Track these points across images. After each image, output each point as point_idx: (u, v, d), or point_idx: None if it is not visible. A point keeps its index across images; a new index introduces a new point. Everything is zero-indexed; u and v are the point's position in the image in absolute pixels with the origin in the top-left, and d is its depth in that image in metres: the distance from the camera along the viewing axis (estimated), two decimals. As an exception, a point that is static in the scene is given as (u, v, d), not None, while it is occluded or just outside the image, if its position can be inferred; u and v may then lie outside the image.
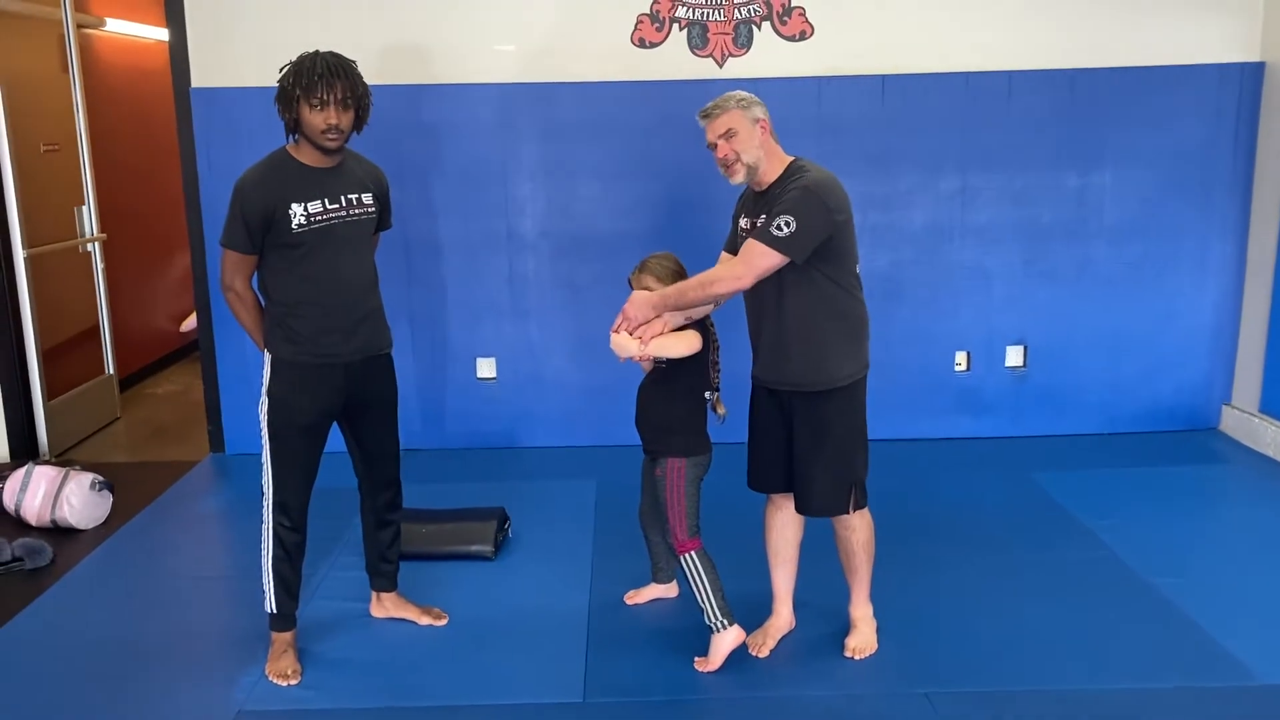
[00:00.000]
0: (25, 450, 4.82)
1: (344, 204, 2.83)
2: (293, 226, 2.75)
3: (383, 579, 3.23)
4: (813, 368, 2.83)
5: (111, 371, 5.57)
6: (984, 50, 4.54)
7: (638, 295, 2.85)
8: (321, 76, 2.69)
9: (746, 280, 2.73)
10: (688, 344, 2.84)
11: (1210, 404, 4.87)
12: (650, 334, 2.82)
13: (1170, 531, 3.80)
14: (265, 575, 2.95)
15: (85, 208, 5.32)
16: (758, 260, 2.71)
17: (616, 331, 2.86)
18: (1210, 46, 4.56)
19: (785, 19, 4.50)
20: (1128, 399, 4.84)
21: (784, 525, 3.05)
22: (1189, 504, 4.10)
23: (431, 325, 4.75)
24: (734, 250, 2.95)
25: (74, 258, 5.28)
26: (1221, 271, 4.73)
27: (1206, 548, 3.69)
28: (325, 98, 2.70)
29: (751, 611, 3.09)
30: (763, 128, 2.77)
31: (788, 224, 2.68)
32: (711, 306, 2.95)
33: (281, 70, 2.75)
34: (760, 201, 2.82)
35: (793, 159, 2.83)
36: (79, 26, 5.31)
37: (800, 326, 2.80)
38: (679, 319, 2.88)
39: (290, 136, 2.81)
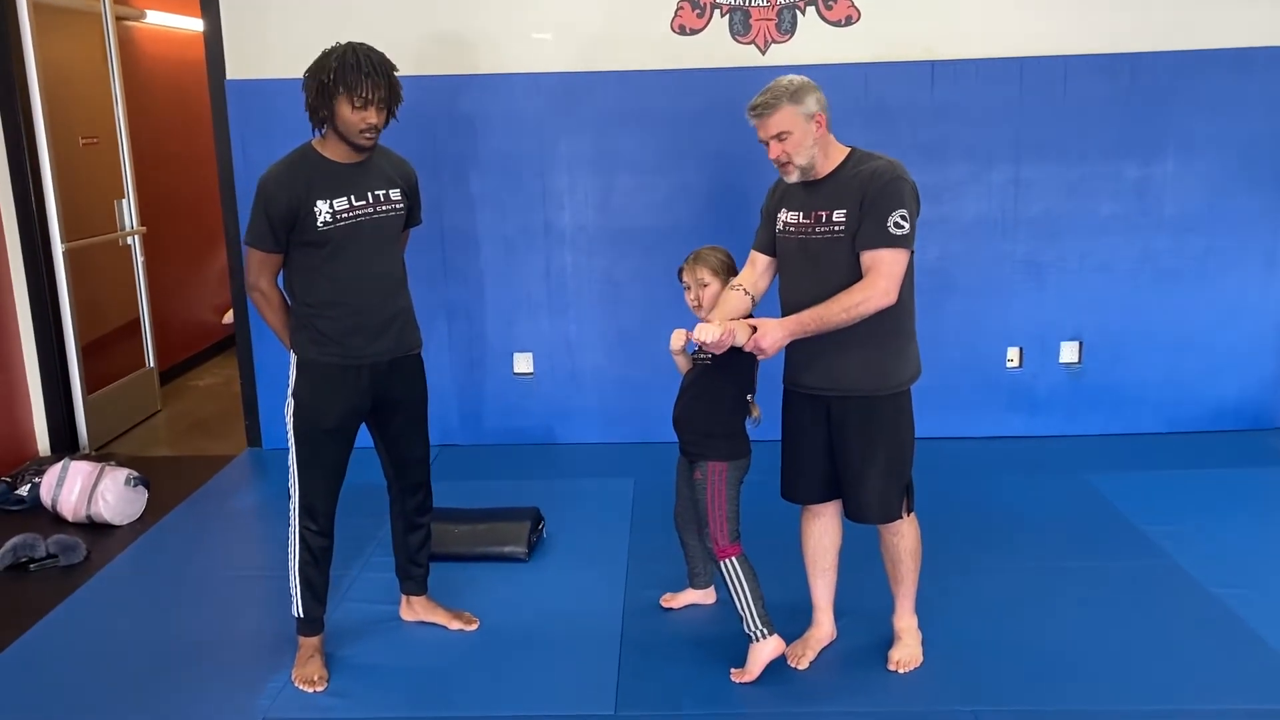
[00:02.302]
0: (65, 444, 4.84)
1: (371, 200, 2.75)
2: (318, 224, 2.68)
3: (413, 582, 3.16)
4: (875, 373, 2.69)
5: (152, 364, 5.57)
6: (1039, 34, 4.35)
7: (769, 324, 2.59)
8: (368, 75, 2.60)
9: (894, 295, 2.58)
10: (746, 333, 2.61)
11: (1276, 403, 4.66)
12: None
13: (1234, 538, 3.62)
14: (292, 579, 2.89)
15: (125, 201, 5.32)
16: (897, 269, 2.57)
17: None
18: (1277, 28, 4.32)
19: (831, 3, 4.35)
20: (1188, 397, 4.64)
21: (822, 534, 2.93)
22: (1253, 509, 3.90)
23: (468, 320, 4.67)
24: (767, 249, 2.82)
25: (114, 251, 5.28)
26: (1290, 265, 4.52)
27: (1272, 557, 3.50)
28: (370, 97, 2.61)
29: (790, 621, 2.97)
30: (818, 122, 2.61)
31: (904, 218, 2.56)
32: (750, 307, 2.83)
33: (317, 61, 2.65)
34: (817, 193, 2.67)
35: (851, 149, 2.70)
36: (119, 19, 5.31)
37: (865, 327, 2.61)
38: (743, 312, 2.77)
39: (317, 131, 2.72)
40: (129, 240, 5.37)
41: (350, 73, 2.58)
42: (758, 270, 2.85)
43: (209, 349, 6.65)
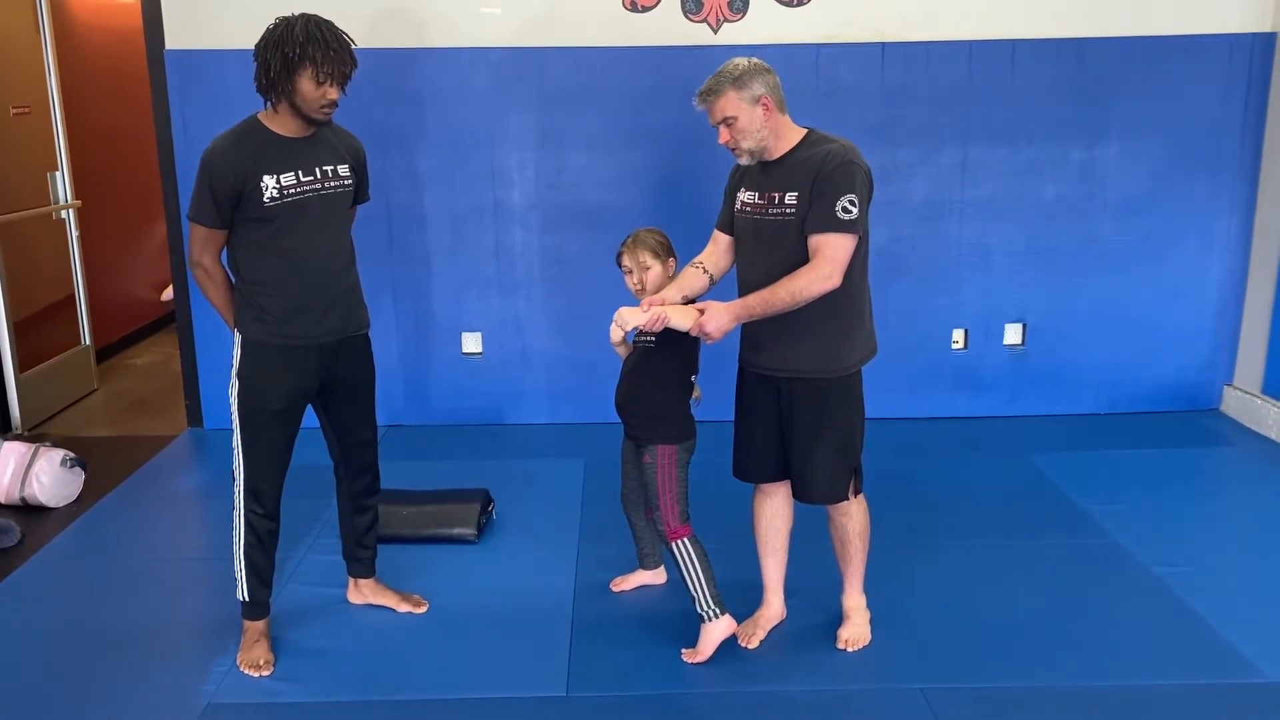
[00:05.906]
0: (-3, 424, 4.70)
1: (319, 176, 2.68)
2: (264, 200, 2.61)
3: (360, 565, 3.12)
4: (825, 355, 2.69)
5: (88, 342, 5.42)
6: (988, 18, 4.38)
7: (716, 308, 2.60)
8: (335, 51, 2.55)
9: (837, 279, 2.57)
10: (692, 319, 2.65)
11: (1212, 384, 4.77)
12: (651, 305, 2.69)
13: (1171, 517, 3.71)
14: (237, 562, 2.83)
15: (58, 173, 5.15)
16: (841, 254, 2.56)
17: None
18: (1221, 16, 4.40)
19: (783, -17, 4.34)
20: (1127, 379, 4.73)
21: (774, 514, 2.94)
22: (1190, 488, 4.00)
23: (415, 299, 4.61)
24: (728, 228, 2.82)
25: (47, 225, 5.12)
26: (1227, 249, 4.62)
27: (1209, 534, 3.60)
28: (333, 72, 2.55)
29: (740, 601, 2.98)
30: (765, 105, 2.60)
31: (852, 203, 2.55)
32: (709, 285, 2.82)
33: (276, 33, 2.56)
34: (772, 174, 2.66)
35: (808, 130, 2.68)
36: (50, -16, 5.12)
37: (815, 309, 2.62)
38: (677, 297, 2.75)
39: (267, 103, 2.65)
40: (63, 214, 5.21)
41: (317, 47, 2.51)
42: (719, 249, 2.84)
43: (146, 327, 6.49)
